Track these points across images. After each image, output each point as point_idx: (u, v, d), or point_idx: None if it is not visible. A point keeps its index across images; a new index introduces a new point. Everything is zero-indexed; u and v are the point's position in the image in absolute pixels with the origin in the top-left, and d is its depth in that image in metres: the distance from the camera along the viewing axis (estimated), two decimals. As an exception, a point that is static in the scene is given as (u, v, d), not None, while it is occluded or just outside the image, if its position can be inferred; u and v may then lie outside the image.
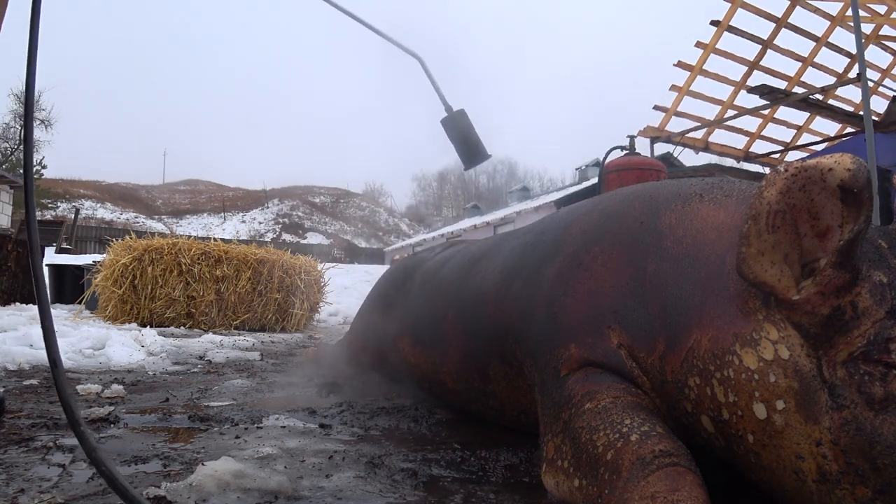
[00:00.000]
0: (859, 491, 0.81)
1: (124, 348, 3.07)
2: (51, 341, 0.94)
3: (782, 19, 7.69)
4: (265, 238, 39.72)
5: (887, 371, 0.80)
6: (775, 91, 7.00)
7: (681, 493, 0.88)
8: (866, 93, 5.87)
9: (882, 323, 0.82)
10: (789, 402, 0.86)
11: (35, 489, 1.09)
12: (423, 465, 1.33)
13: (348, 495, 1.11)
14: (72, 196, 43.24)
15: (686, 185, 1.23)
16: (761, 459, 0.92)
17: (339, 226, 51.09)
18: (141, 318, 5.08)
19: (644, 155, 5.96)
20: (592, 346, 1.17)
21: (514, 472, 1.30)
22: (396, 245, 36.97)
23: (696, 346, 1.00)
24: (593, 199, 1.51)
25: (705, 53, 7.81)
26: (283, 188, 55.50)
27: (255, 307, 5.44)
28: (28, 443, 1.41)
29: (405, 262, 2.51)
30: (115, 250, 5.35)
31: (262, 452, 1.35)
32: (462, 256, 1.94)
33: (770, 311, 0.90)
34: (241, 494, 1.08)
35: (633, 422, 1.01)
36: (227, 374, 2.66)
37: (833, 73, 8.38)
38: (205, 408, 1.88)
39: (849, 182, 0.78)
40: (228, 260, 5.43)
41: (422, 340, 1.96)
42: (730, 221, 1.06)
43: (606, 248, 1.24)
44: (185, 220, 46.87)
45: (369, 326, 2.46)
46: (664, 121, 8.46)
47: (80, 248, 22.73)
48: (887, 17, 7.79)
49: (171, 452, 1.35)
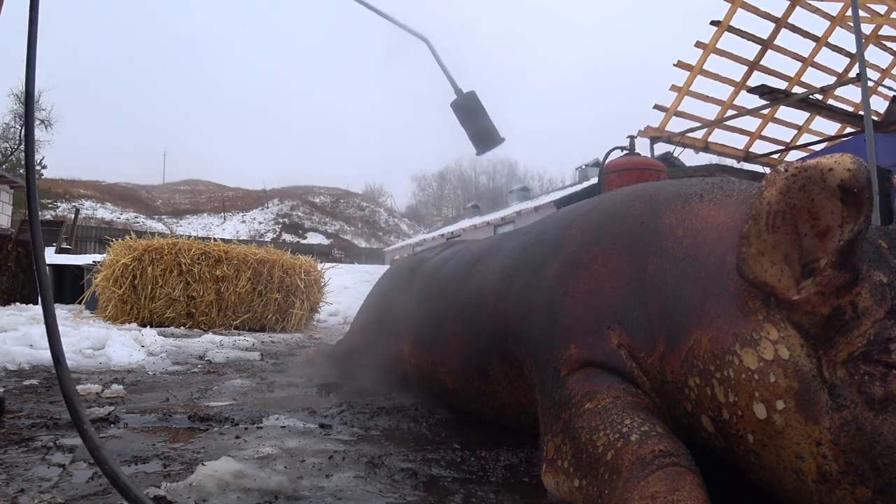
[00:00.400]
0: (859, 491, 0.81)
1: (124, 348, 3.07)
2: (55, 339, 0.93)
3: (782, 19, 7.69)
4: (265, 238, 39.71)
5: (887, 371, 0.80)
6: (775, 91, 7.00)
7: (681, 493, 0.88)
8: (866, 93, 5.87)
9: (882, 323, 0.82)
10: (789, 402, 0.86)
11: (35, 489, 1.09)
12: (423, 465, 1.33)
13: (348, 495, 1.11)
14: (72, 196, 43.23)
15: (686, 185, 1.23)
16: (761, 459, 0.92)
17: (339, 226, 51.09)
18: (141, 318, 5.08)
19: (644, 155, 5.96)
20: (592, 346, 1.17)
21: (514, 472, 1.30)
22: (396, 245, 36.96)
23: (696, 346, 1.00)
24: (593, 199, 1.51)
25: (705, 53, 7.80)
26: (283, 188, 55.49)
27: (255, 307, 5.44)
28: (28, 443, 1.41)
29: (405, 262, 2.51)
30: (115, 250, 5.35)
31: (262, 452, 1.35)
32: (462, 256, 1.95)
33: (770, 311, 0.90)
34: (241, 494, 1.08)
35: (633, 422, 1.01)
36: (227, 374, 2.66)
37: (833, 73, 8.38)
38: (205, 408, 1.88)
39: (849, 182, 0.78)
40: (228, 260, 5.43)
41: (422, 340, 1.96)
42: (730, 221, 1.06)
43: (607, 248, 1.24)
44: (185, 220, 46.86)
45: (369, 326, 2.46)
46: (664, 121, 8.46)
47: (80, 248, 22.73)
48: (887, 17, 7.79)
49: (171, 452, 1.35)
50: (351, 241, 45.43)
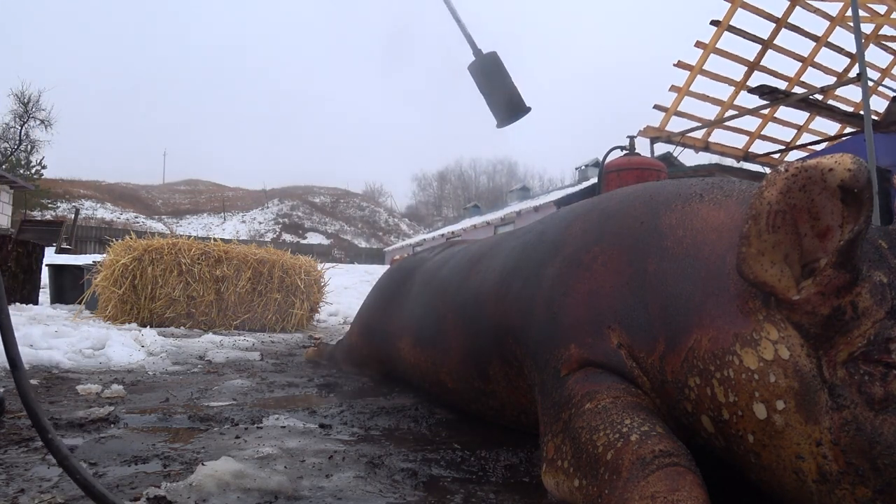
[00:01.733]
0: (859, 491, 0.81)
1: (124, 348, 3.07)
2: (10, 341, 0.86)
3: (782, 19, 7.69)
4: (265, 238, 39.72)
5: (887, 371, 0.80)
6: (775, 91, 7.00)
7: (681, 493, 0.88)
8: (866, 93, 5.87)
9: (882, 323, 0.82)
10: (789, 403, 0.86)
11: (35, 489, 1.09)
12: (423, 465, 1.33)
13: (348, 495, 1.11)
14: (72, 196, 43.24)
15: (686, 185, 1.23)
16: (761, 459, 0.92)
17: (339, 226, 51.09)
18: (141, 318, 5.08)
19: (644, 155, 5.96)
20: (592, 346, 1.17)
21: (514, 472, 1.30)
22: (396, 245, 36.96)
23: (696, 346, 1.00)
24: (593, 199, 1.50)
25: (705, 53, 7.80)
26: (283, 188, 55.51)
27: (255, 307, 5.44)
28: (28, 443, 1.41)
29: (405, 262, 2.51)
30: (115, 250, 5.34)
31: (262, 452, 1.35)
32: (462, 256, 1.94)
33: (770, 311, 0.90)
34: (241, 494, 1.08)
35: (633, 422, 1.01)
36: (227, 374, 2.66)
37: (833, 73, 8.38)
38: (205, 408, 1.88)
39: (849, 182, 0.78)
40: (228, 260, 5.43)
41: (422, 340, 1.96)
42: (730, 221, 1.06)
43: (607, 248, 1.24)
44: (185, 220, 46.87)
45: (369, 326, 2.46)
46: (664, 121, 8.46)
47: (80, 248, 22.73)
48: (887, 17, 7.79)
49: (171, 452, 1.35)
50: (351, 241, 45.43)
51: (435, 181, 61.25)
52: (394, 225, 56.00)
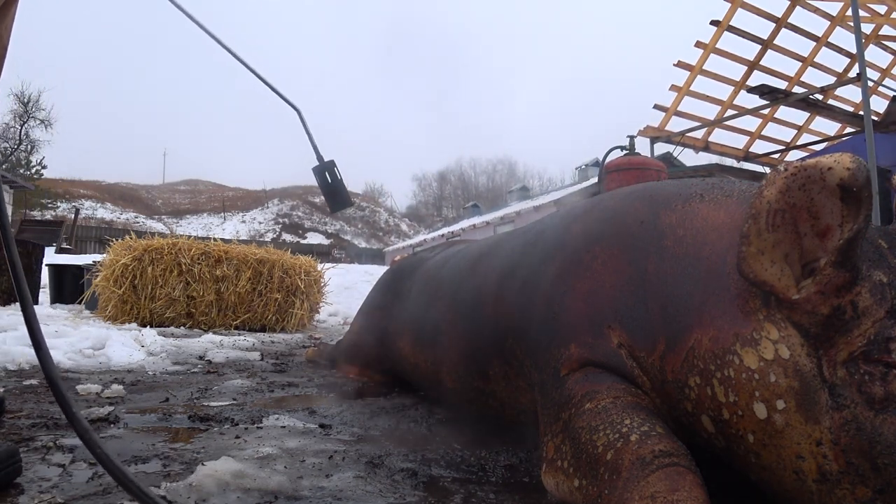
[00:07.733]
0: (859, 491, 0.81)
1: (124, 348, 3.07)
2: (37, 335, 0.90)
3: (782, 19, 7.69)
4: (265, 238, 39.71)
5: (887, 371, 0.80)
6: (775, 91, 7.00)
7: (681, 493, 0.88)
8: (866, 93, 5.87)
9: (882, 322, 0.82)
10: (789, 402, 0.86)
11: (35, 489, 1.09)
12: (423, 465, 1.33)
13: (348, 495, 1.11)
14: (72, 196, 43.23)
15: (686, 185, 1.23)
16: (761, 459, 0.92)
17: (339, 226, 51.09)
18: (141, 318, 5.08)
19: (644, 155, 5.96)
20: (593, 346, 1.17)
21: (514, 472, 1.30)
22: (396, 245, 36.97)
23: (696, 345, 1.00)
24: (593, 198, 1.51)
25: (705, 53, 7.81)
26: (283, 188, 55.48)
27: (255, 307, 5.43)
28: (28, 443, 1.40)
29: (405, 262, 2.51)
30: (115, 250, 5.34)
31: (262, 452, 1.35)
32: (462, 256, 1.94)
33: (770, 310, 0.90)
34: (241, 494, 1.08)
35: (633, 422, 1.01)
36: (227, 374, 2.66)
37: (833, 73, 8.38)
38: (205, 408, 1.88)
39: (848, 181, 0.78)
40: (228, 260, 5.43)
41: (422, 340, 1.96)
42: (730, 221, 1.06)
43: (607, 248, 1.24)
44: (185, 220, 46.87)
45: (369, 326, 2.46)
46: (664, 121, 8.46)
47: (80, 248, 22.72)
48: (887, 17, 7.79)
49: (171, 452, 1.35)
50: (351, 241, 45.45)
51: (435, 181, 61.24)
52: (394, 225, 56.02)
